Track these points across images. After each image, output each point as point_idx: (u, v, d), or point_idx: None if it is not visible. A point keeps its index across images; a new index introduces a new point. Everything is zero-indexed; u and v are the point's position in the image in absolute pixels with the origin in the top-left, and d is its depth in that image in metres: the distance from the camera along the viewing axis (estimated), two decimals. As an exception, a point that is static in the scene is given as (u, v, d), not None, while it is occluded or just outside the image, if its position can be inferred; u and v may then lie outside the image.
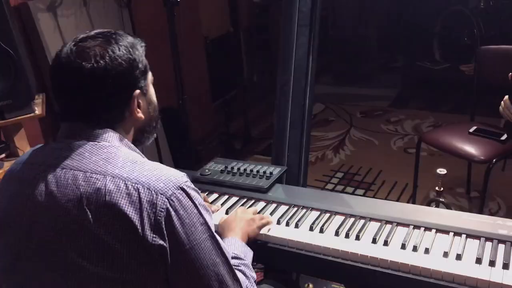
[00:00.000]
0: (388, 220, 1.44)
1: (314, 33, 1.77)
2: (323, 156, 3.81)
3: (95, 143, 1.04)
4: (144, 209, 0.95)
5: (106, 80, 1.02)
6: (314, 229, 1.44)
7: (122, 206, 0.94)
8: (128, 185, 0.96)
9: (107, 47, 1.03)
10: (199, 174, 1.77)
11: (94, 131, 1.05)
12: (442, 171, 1.80)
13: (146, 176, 0.98)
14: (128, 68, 1.05)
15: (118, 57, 1.04)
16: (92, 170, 0.99)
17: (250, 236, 1.38)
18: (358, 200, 1.58)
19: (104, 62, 1.01)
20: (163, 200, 0.96)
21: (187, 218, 0.98)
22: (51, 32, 2.64)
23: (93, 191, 0.96)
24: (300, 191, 1.68)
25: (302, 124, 1.81)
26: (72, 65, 1.02)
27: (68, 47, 1.05)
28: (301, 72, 1.79)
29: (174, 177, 1.00)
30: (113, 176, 0.97)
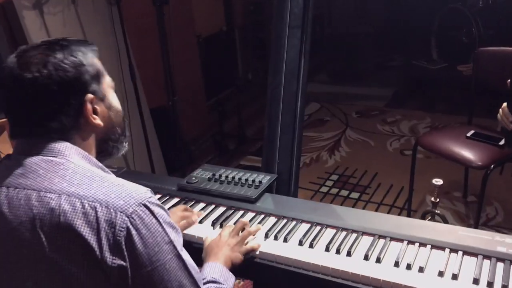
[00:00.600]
0: (381, 234, 1.37)
1: (306, 35, 1.69)
2: (318, 157, 3.74)
3: (51, 158, 0.96)
4: (102, 229, 0.88)
5: (51, 88, 0.95)
6: (304, 243, 1.37)
7: (77, 227, 0.87)
8: (85, 204, 0.89)
9: (50, 54, 0.97)
10: (186, 182, 1.69)
11: (49, 145, 0.97)
12: (438, 182, 1.73)
13: (105, 193, 0.91)
14: (75, 74, 0.98)
15: (62, 63, 0.97)
16: (46, 189, 0.92)
17: (234, 262, 1.31)
18: (350, 212, 1.50)
19: (47, 70, 0.95)
20: (123, 218, 0.89)
21: (149, 237, 0.91)
22: (37, 30, 2.56)
23: (46, 211, 0.89)
24: (290, 201, 1.60)
25: (294, 129, 1.73)
26: (15, 77, 0.95)
27: (11, 58, 0.98)
28: (293, 75, 1.71)
29: (136, 193, 0.93)
30: (69, 194, 0.90)
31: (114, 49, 2.95)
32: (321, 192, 3.24)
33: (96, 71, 1.04)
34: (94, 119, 1.02)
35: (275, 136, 1.73)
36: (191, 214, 1.50)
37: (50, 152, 0.97)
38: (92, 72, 1.02)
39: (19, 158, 0.97)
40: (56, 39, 1.02)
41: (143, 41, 3.27)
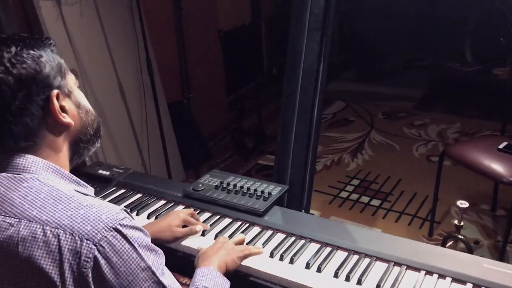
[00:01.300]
0: (397, 261, 1.25)
1: (327, 38, 1.57)
2: (340, 160, 3.60)
3: (14, 175, 0.87)
4: (65, 260, 0.78)
5: (9, 85, 0.84)
6: (311, 266, 1.26)
7: (37, 259, 0.78)
8: (46, 231, 0.80)
9: (4, 49, 0.86)
10: (192, 189, 1.60)
11: (13, 161, 0.88)
12: (464, 204, 1.59)
13: (71, 216, 0.81)
14: (35, 67, 0.87)
15: (19, 57, 0.86)
16: (6, 212, 0.83)
17: (229, 266, 1.21)
18: (364, 233, 1.39)
19: (3, 66, 0.84)
20: (89, 247, 0.79)
21: (122, 266, 0.82)
22: (54, 21, 2.50)
23: (4, 239, 0.80)
24: (300, 217, 1.49)
25: (309, 138, 1.62)
26: None
27: None
28: (310, 81, 1.60)
29: (106, 216, 0.83)
30: (29, 219, 0.81)
31: (132, 41, 2.88)
32: (340, 198, 3.12)
33: (58, 65, 0.93)
34: (63, 117, 0.91)
35: (288, 145, 1.62)
36: (195, 223, 1.41)
37: (14, 169, 0.87)
38: (54, 65, 0.91)
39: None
40: (7, 35, 0.91)
41: (162, 34, 3.19)
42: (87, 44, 2.67)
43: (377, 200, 3.06)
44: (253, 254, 1.28)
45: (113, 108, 2.85)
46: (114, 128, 2.86)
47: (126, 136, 2.96)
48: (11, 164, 0.88)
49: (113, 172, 1.79)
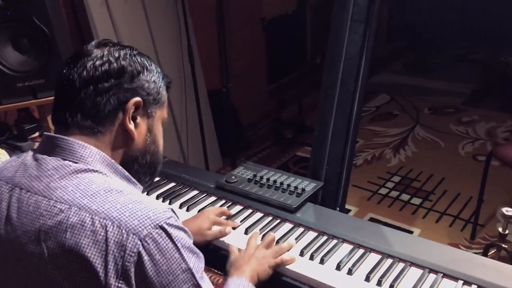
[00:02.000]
0: (433, 268, 1.19)
1: (370, 32, 1.50)
2: (381, 155, 3.51)
3: (70, 164, 0.88)
4: (110, 251, 0.78)
5: (108, 69, 0.91)
6: (342, 268, 1.22)
7: (83, 247, 0.78)
8: (95, 221, 0.80)
9: (127, 49, 0.97)
10: (224, 181, 1.59)
11: (72, 148, 0.89)
12: (510, 212, 1.50)
13: (119, 210, 0.81)
14: (137, 71, 0.94)
15: (134, 56, 0.96)
16: (57, 198, 0.83)
17: (261, 276, 1.19)
18: (400, 237, 1.33)
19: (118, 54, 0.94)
20: (135, 241, 0.79)
21: (164, 264, 0.81)
22: (98, 6, 2.53)
23: (53, 224, 0.81)
24: (334, 215, 1.45)
25: (347, 134, 1.56)
26: (82, 53, 0.93)
27: (93, 42, 0.97)
28: (350, 74, 1.54)
29: (153, 213, 0.82)
30: (80, 207, 0.81)
31: (175, 28, 2.88)
32: (380, 194, 3.03)
33: (159, 93, 0.99)
34: (130, 123, 0.94)
35: (325, 140, 1.58)
36: (225, 223, 1.39)
37: (72, 156, 0.89)
38: (154, 88, 0.98)
39: (39, 158, 0.90)
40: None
41: (205, 22, 3.18)
42: (130, 30, 2.69)
43: (418, 199, 2.96)
44: (287, 261, 1.25)
45: (153, 94, 2.87)
46: (154, 114, 2.88)
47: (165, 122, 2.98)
48: (70, 151, 0.89)
49: (149, 160, 1.80)
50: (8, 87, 1.93)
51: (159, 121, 1.03)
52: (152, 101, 0.98)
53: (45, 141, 0.93)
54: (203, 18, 3.17)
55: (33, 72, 1.93)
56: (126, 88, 0.92)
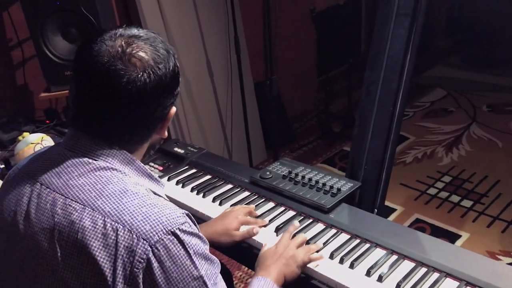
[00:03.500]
0: (469, 281, 1.12)
1: (417, 25, 1.42)
2: (432, 153, 3.36)
3: (90, 160, 0.88)
4: (119, 256, 0.78)
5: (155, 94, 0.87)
6: (372, 274, 1.17)
7: (93, 250, 0.78)
8: (107, 223, 0.79)
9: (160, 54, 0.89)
10: (259, 176, 1.57)
11: (93, 144, 0.89)
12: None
13: (132, 213, 0.80)
14: (175, 81, 0.93)
15: (169, 69, 0.90)
16: (73, 197, 0.84)
17: (287, 277, 1.16)
18: (438, 245, 1.26)
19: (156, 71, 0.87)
20: (145, 247, 0.78)
21: (174, 272, 0.80)
22: (148, -3, 2.56)
23: (67, 223, 0.81)
24: (369, 218, 1.39)
25: (388, 134, 1.50)
26: (117, 66, 0.84)
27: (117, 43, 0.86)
28: (394, 71, 1.47)
29: (166, 218, 0.81)
30: (93, 208, 0.81)
31: (223, 19, 2.87)
32: (428, 194, 2.91)
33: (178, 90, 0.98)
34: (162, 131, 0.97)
35: (364, 139, 1.52)
36: (254, 222, 1.36)
37: (92, 154, 0.88)
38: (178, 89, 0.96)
39: (62, 153, 0.91)
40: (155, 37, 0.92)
41: (253, 13, 3.15)
42: (179, 21, 2.70)
43: (469, 201, 2.81)
44: (315, 259, 1.22)
45: (200, 84, 2.88)
46: (199, 104, 2.90)
47: (211, 113, 2.99)
48: (90, 148, 0.89)
49: (187, 151, 1.81)
50: (57, 74, 2.00)
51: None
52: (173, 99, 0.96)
53: (70, 135, 0.93)
54: (251, 10, 3.14)
55: (80, 61, 1.98)
56: (170, 100, 0.93)
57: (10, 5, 2.14)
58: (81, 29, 1.96)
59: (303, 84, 3.80)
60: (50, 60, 1.96)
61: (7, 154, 1.88)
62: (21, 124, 2.11)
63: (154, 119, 0.91)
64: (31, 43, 2.25)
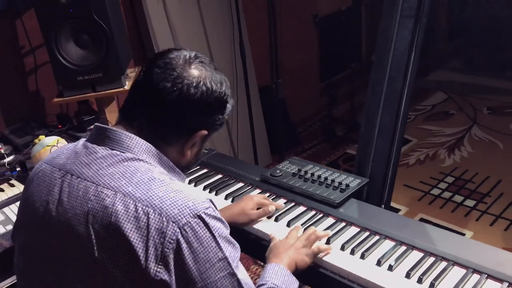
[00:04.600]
0: (476, 269, 1.16)
1: (420, 27, 1.48)
2: (435, 155, 3.41)
3: (118, 153, 0.94)
4: (151, 237, 0.83)
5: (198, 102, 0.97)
6: (382, 264, 1.21)
7: (126, 231, 0.83)
8: (138, 207, 0.85)
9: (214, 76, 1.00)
10: (269, 174, 1.62)
11: (120, 137, 0.95)
12: None
13: (161, 198, 0.86)
14: (217, 107, 1.01)
15: (218, 92, 1.00)
16: (105, 184, 0.89)
17: (299, 265, 1.21)
18: (445, 236, 1.31)
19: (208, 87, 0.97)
20: (174, 229, 0.83)
21: (201, 252, 0.85)
22: (155, 4, 2.62)
23: (100, 208, 0.87)
24: (377, 212, 1.44)
25: (394, 132, 1.55)
26: (173, 67, 0.96)
27: (187, 53, 1.00)
28: (398, 72, 1.52)
29: (192, 203, 0.86)
30: (125, 194, 0.87)
31: (228, 24, 2.94)
32: (431, 195, 2.96)
33: (222, 123, 1.05)
34: (188, 149, 1.02)
35: (371, 136, 1.57)
36: (269, 203, 1.42)
37: (120, 147, 0.95)
38: (221, 121, 1.04)
39: (90, 148, 0.96)
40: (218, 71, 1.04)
41: (257, 18, 3.22)
42: (185, 27, 2.77)
43: (472, 201, 2.86)
44: (324, 250, 1.27)
45: (206, 89, 2.94)
46: (206, 109, 2.95)
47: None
48: (119, 141, 0.95)
49: (198, 152, 1.86)
50: (70, 80, 2.05)
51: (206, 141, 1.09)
52: (213, 131, 1.05)
53: (96, 131, 0.99)
54: (256, 15, 3.21)
55: (92, 66, 2.04)
56: (201, 119, 0.99)
57: (23, 13, 2.20)
58: (93, 36, 2.01)
59: (306, 89, 3.86)
60: (63, 66, 2.01)
61: (22, 158, 1.93)
62: (34, 128, 2.16)
63: (186, 129, 0.98)
64: (43, 50, 2.31)
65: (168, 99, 0.94)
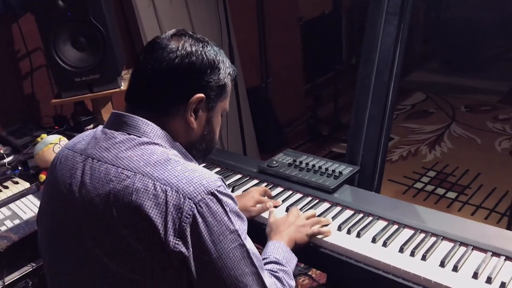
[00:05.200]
0: (463, 242, 1.27)
1: (404, 24, 1.59)
2: (416, 151, 3.55)
3: (135, 137, 1.01)
4: (170, 213, 0.90)
5: (181, 67, 1.02)
6: (377, 241, 1.31)
7: (146, 208, 0.90)
8: (157, 186, 0.92)
9: (200, 43, 1.05)
10: (266, 165, 1.71)
11: (137, 125, 1.02)
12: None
13: (177, 177, 0.93)
14: (206, 68, 1.04)
15: (204, 54, 1.04)
16: (124, 166, 0.96)
17: (298, 243, 1.30)
18: (433, 214, 1.41)
19: (190, 50, 1.03)
20: (191, 205, 0.91)
21: (215, 226, 0.93)
22: (146, 8, 2.70)
23: (121, 188, 0.94)
24: (369, 196, 1.54)
25: (382, 122, 1.65)
26: (159, 43, 1.04)
27: (171, 32, 1.07)
28: (385, 65, 1.63)
29: (206, 181, 0.94)
30: (143, 174, 0.94)
31: (216, 28, 3.03)
32: (415, 188, 3.09)
33: (224, 85, 1.09)
34: (191, 116, 1.05)
35: (361, 127, 1.67)
36: (268, 201, 1.50)
37: (137, 132, 1.02)
38: (219, 82, 1.07)
39: (108, 133, 1.03)
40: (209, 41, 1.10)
41: (244, 21, 3.31)
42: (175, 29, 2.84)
43: (454, 193, 3.00)
44: (323, 232, 1.35)
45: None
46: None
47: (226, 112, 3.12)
48: (135, 127, 1.02)
49: (195, 147, 1.93)
50: (67, 81, 2.11)
51: (219, 112, 1.14)
52: (215, 96, 1.08)
53: (113, 118, 1.06)
54: (243, 19, 3.30)
55: (89, 68, 2.10)
56: (192, 84, 1.04)
57: (20, 17, 2.25)
58: (90, 38, 2.07)
59: (291, 91, 3.97)
60: (61, 68, 2.07)
61: (22, 157, 1.98)
62: (32, 130, 2.21)
63: (179, 96, 1.04)
64: (38, 53, 2.37)
65: (156, 72, 1.02)
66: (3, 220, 1.61)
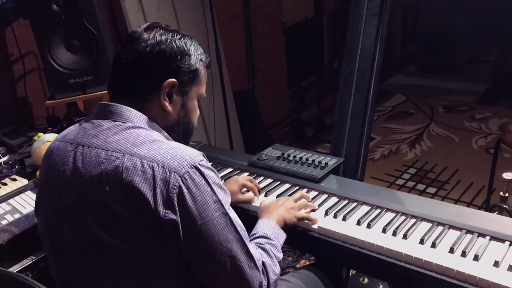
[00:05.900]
0: (440, 222, 1.38)
1: (383, 23, 1.71)
2: (397, 150, 3.68)
3: (120, 123, 1.10)
4: (158, 186, 0.99)
5: (151, 55, 1.11)
6: (362, 223, 1.41)
7: (136, 183, 0.99)
8: (144, 163, 1.01)
9: (170, 33, 1.15)
10: (256, 159, 1.80)
11: (121, 113, 1.11)
12: (509, 176, 1.68)
13: (162, 154, 1.03)
14: (176, 54, 1.13)
15: (174, 42, 1.14)
16: (113, 149, 1.05)
17: (287, 222, 1.39)
18: (413, 199, 1.52)
19: (160, 39, 1.12)
20: (176, 178, 1.00)
21: (199, 196, 1.02)
22: (135, 13, 2.78)
23: (112, 168, 1.02)
24: (353, 184, 1.65)
25: (364, 115, 1.76)
26: (133, 36, 1.14)
27: (143, 25, 1.17)
28: (366, 63, 1.74)
29: (189, 156, 1.03)
30: (131, 154, 1.03)
31: (203, 33, 3.12)
32: (397, 184, 3.21)
33: (196, 70, 1.18)
34: (165, 100, 1.14)
35: (345, 120, 1.78)
36: (252, 185, 1.59)
37: (121, 118, 1.11)
38: (190, 68, 1.16)
39: (95, 122, 1.12)
40: (181, 32, 1.19)
41: (231, 27, 3.42)
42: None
43: (433, 188, 3.13)
44: (311, 218, 1.44)
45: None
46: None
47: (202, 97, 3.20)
48: (120, 114, 1.12)
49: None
50: (62, 83, 2.18)
51: (194, 97, 1.22)
52: (187, 81, 1.17)
53: (98, 109, 1.15)
54: (229, 25, 3.41)
55: (83, 70, 2.18)
56: (164, 69, 1.13)
57: (13, 21, 2.31)
58: (83, 41, 2.15)
59: (276, 95, 4.08)
60: (55, 70, 2.14)
61: (18, 157, 2.04)
62: (27, 131, 2.27)
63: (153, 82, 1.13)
64: (31, 57, 2.43)
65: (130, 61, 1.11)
66: (3, 215, 1.67)
